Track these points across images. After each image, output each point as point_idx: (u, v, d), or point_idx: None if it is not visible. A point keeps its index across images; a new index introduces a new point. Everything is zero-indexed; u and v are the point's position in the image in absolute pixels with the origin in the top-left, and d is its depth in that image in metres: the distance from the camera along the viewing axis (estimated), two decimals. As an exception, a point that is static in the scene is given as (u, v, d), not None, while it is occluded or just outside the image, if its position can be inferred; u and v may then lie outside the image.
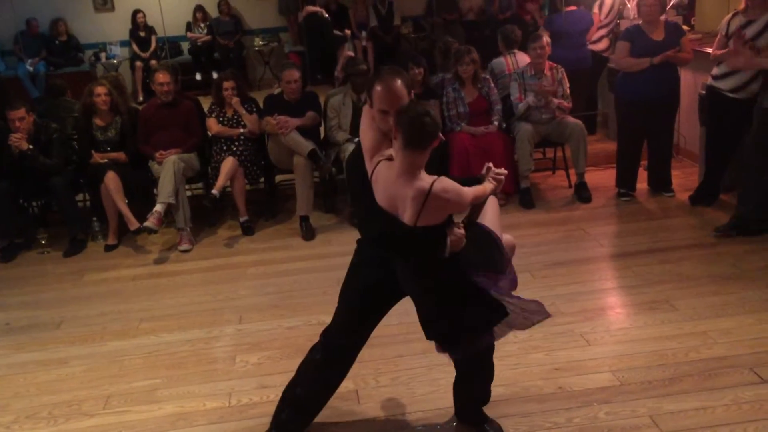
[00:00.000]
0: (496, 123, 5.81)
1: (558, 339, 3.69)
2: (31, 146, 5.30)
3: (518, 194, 5.83)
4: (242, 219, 5.68)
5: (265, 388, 3.46)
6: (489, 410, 3.12)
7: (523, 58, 6.22)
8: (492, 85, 5.95)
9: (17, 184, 5.43)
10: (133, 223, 5.34)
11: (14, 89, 8.72)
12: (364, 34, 9.64)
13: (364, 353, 3.64)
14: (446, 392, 3.28)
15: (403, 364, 3.57)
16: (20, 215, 5.73)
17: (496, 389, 3.27)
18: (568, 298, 4.13)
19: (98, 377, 3.66)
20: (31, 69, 9.34)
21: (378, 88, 2.47)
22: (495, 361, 3.49)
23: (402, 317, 4.01)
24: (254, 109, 5.83)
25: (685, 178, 6.06)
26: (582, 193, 5.83)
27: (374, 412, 3.20)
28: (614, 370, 3.38)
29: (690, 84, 5.97)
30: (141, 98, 9.30)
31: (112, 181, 5.38)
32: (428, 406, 3.21)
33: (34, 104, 5.94)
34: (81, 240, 5.59)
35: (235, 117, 5.76)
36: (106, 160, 5.52)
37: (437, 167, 2.50)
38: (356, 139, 5.57)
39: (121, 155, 5.58)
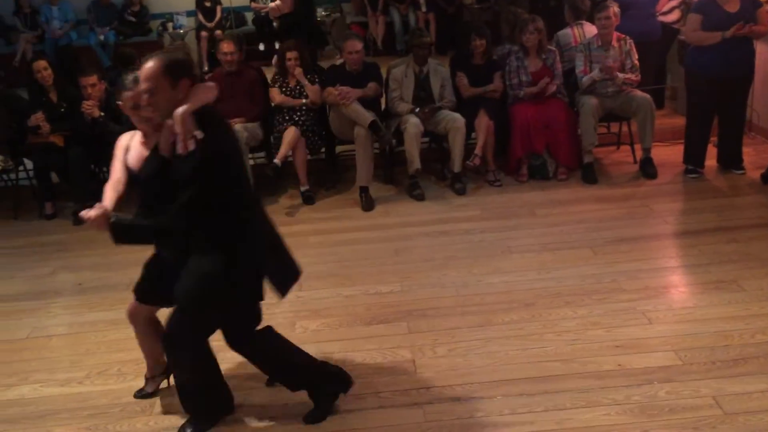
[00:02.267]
0: (556, 84, 5.70)
1: (619, 316, 3.64)
2: (102, 113, 5.47)
3: (581, 169, 5.72)
4: (303, 188, 5.76)
5: (324, 354, 3.51)
6: (547, 384, 3.12)
7: (590, 30, 6.06)
8: (557, 57, 5.83)
9: (89, 150, 5.62)
10: (199, 190, 5.46)
11: (86, 58, 8.98)
12: (425, 4, 9.53)
13: (422, 324, 3.71)
14: (503, 365, 3.31)
15: (460, 335, 3.59)
16: (92, 180, 5.93)
17: (553, 364, 3.27)
18: (630, 275, 4.06)
19: (165, 337, 3.79)
20: (101, 38, 9.59)
21: None
22: (553, 335, 3.51)
23: (459, 289, 4.07)
24: (317, 80, 5.86)
25: (757, 155, 5.85)
26: (647, 169, 5.68)
27: (430, 381, 3.23)
28: (677, 349, 3.32)
29: (766, 58, 5.72)
30: (206, 68, 9.44)
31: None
32: (484, 378, 3.22)
33: (105, 73, 6.11)
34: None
35: (298, 87, 5.81)
36: (173, 128, 5.64)
37: None
38: (417, 110, 5.59)
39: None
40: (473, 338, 3.55)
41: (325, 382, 3.06)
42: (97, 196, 6.05)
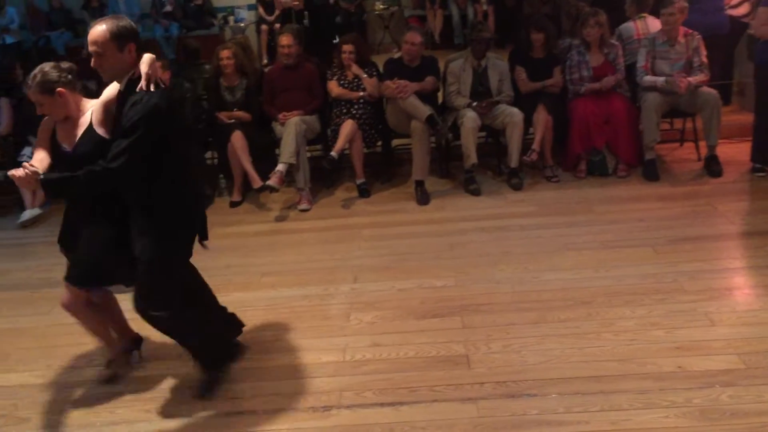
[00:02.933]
0: (617, 77, 5.58)
1: (680, 317, 3.55)
2: (166, 105, 5.60)
3: (642, 166, 5.60)
4: (359, 181, 5.79)
5: (378, 346, 3.55)
6: (603, 384, 3.07)
7: (654, 24, 5.91)
8: (620, 51, 5.71)
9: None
10: (257, 182, 5.56)
11: (151, 51, 9.20)
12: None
13: (476, 319, 3.70)
14: (559, 363, 3.27)
15: (515, 332, 3.56)
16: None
17: (610, 364, 3.21)
18: (691, 276, 3.95)
19: (223, 325, 3.87)
20: (164, 31, 9.82)
21: None
22: (610, 335, 3.45)
23: (514, 286, 4.04)
24: (374, 73, 5.88)
25: (829, 154, 5.61)
26: (712, 166, 5.52)
27: (484, 377, 3.22)
28: (740, 353, 3.22)
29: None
30: (265, 61, 9.57)
31: (238, 140, 5.63)
32: (538, 376, 3.19)
33: (170, 65, 6.25)
34: (209, 195, 5.90)
35: (356, 80, 5.84)
36: (232, 120, 5.76)
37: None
38: (474, 104, 5.56)
39: (245, 114, 5.81)
40: (528, 335, 3.52)
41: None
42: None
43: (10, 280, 4.70)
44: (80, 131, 3.06)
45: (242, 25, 10.24)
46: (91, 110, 3.10)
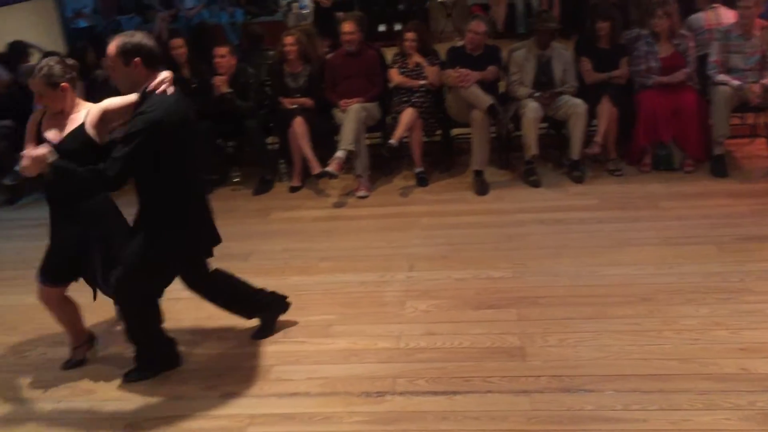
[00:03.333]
0: (686, 71, 5.42)
1: (745, 318, 3.45)
2: (230, 90, 5.71)
3: (710, 161, 5.42)
4: (417, 170, 5.79)
5: (433, 335, 3.56)
6: (662, 382, 3.01)
7: (725, 14, 5.71)
8: (691, 43, 5.53)
9: (217, 125, 5.89)
10: (316, 168, 5.62)
11: (216, 36, 9.36)
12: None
13: (532, 311, 3.67)
14: (616, 359, 3.22)
15: (572, 326, 3.51)
16: (217, 154, 6.22)
17: (671, 362, 3.15)
18: (759, 276, 3.82)
19: (280, 308, 3.94)
20: (229, 17, 9.99)
21: None
22: (671, 333, 3.37)
23: (573, 279, 3.99)
24: (436, 62, 5.85)
25: None
26: (784, 164, 5.32)
27: (539, 370, 3.19)
28: (808, 357, 3.11)
29: None
30: (326, 48, 9.62)
31: (299, 126, 5.69)
32: (595, 371, 3.15)
33: (235, 49, 6.36)
34: (269, 180, 5.99)
35: (417, 68, 5.82)
36: (295, 106, 5.83)
37: None
38: (537, 94, 5.48)
39: (308, 100, 5.87)
40: (585, 330, 3.47)
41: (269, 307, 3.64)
42: (220, 169, 6.34)
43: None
44: (70, 127, 3.20)
45: (305, 12, 10.30)
46: (86, 110, 3.25)
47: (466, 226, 4.89)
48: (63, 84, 3.17)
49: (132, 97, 3.14)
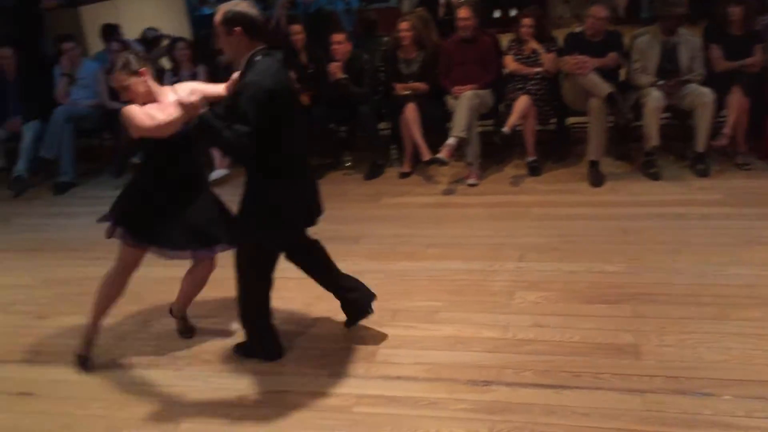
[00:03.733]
0: None
1: None
2: (345, 75, 5.80)
3: None
4: (530, 159, 5.68)
5: (541, 327, 3.49)
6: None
7: None
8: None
9: (332, 110, 6.00)
10: (427, 154, 5.62)
11: (331, 23, 9.52)
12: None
13: (648, 309, 3.53)
14: (739, 363, 3.05)
15: (691, 326, 3.35)
16: (330, 138, 6.35)
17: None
18: None
19: (387, 292, 3.95)
20: (344, 4, 10.11)
21: None
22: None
23: (694, 278, 3.81)
24: (553, 48, 5.70)
25: None
26: None
27: (654, 370, 3.07)
28: None
29: None
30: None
31: (411, 112, 5.71)
32: (714, 375, 2.99)
33: (349, 36, 6.45)
34: (380, 165, 6.05)
35: (533, 55, 5.70)
36: (407, 92, 5.85)
37: None
38: (660, 82, 5.23)
39: (423, 85, 5.87)
40: (706, 331, 3.30)
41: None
42: (333, 153, 6.48)
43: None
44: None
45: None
46: (172, 92, 3.35)
47: (579, 218, 4.76)
48: (141, 70, 3.26)
49: (218, 88, 3.22)
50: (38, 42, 8.70)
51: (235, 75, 3.18)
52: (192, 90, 3.33)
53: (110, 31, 7.18)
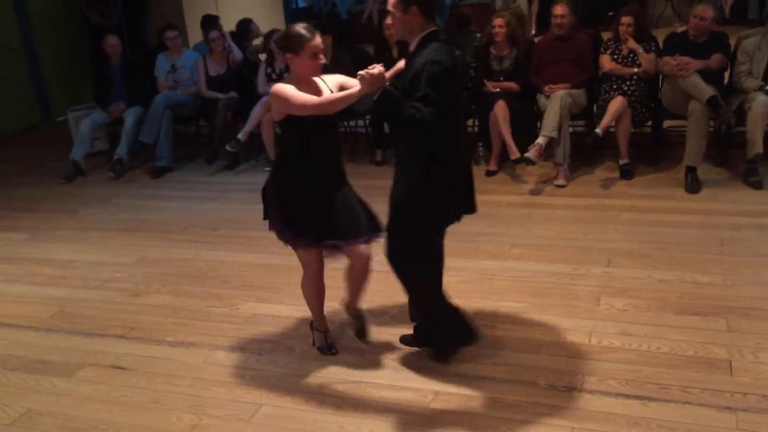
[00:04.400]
0: None
1: None
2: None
3: None
4: (622, 161, 5.51)
5: (628, 335, 3.39)
6: None
7: None
8: None
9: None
10: (515, 153, 5.54)
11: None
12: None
13: (744, 323, 3.37)
14: (844, 388, 2.86)
15: (792, 344, 3.18)
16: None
17: None
18: None
19: (470, 290, 3.94)
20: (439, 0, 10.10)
21: None
22: None
23: (798, 293, 3.59)
24: (653, 48, 5.51)
25: None
26: None
27: (748, 387, 2.93)
28: None
29: None
30: (533, 31, 9.42)
31: (501, 110, 5.64)
32: (816, 398, 2.83)
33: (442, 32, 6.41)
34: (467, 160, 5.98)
35: (631, 55, 5.52)
36: (498, 90, 5.78)
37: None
38: (767, 87, 4.97)
39: (513, 84, 5.80)
40: (809, 350, 3.13)
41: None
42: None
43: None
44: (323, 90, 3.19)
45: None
46: (321, 81, 3.22)
47: (672, 225, 4.59)
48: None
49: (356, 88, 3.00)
50: (142, 30, 9.10)
51: (401, 63, 3.13)
52: (341, 83, 3.27)
53: (210, 22, 7.41)
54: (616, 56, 5.59)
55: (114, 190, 6.40)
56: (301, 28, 3.08)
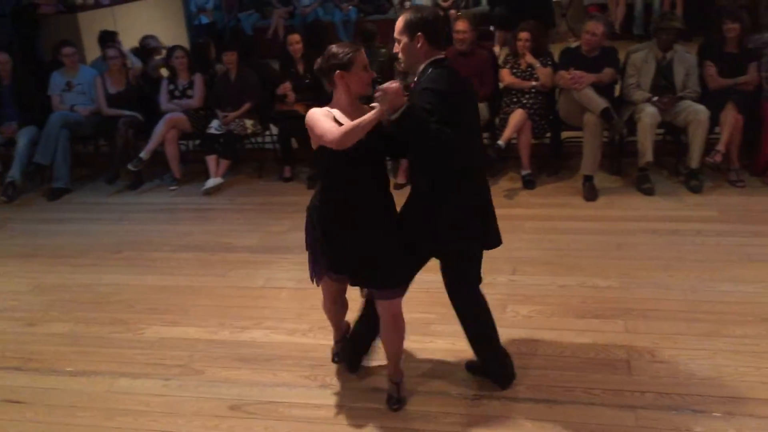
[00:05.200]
0: None
1: None
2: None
3: None
4: (524, 172, 5.69)
5: (534, 341, 3.49)
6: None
7: None
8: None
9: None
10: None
11: (329, 34, 9.56)
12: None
13: (640, 324, 3.53)
14: (731, 381, 3.06)
15: (684, 343, 3.36)
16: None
17: None
18: None
19: (381, 303, 3.96)
20: (344, 15, 10.16)
21: None
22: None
23: (686, 294, 3.81)
24: (549, 63, 5.73)
25: None
26: None
27: (646, 386, 3.07)
28: None
29: None
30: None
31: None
32: (708, 392, 2.99)
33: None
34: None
35: (529, 69, 5.72)
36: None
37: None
38: (655, 98, 5.25)
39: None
40: (699, 347, 3.30)
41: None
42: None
43: (192, 242, 5.09)
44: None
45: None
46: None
47: (572, 232, 4.77)
48: (420, 34, 2.82)
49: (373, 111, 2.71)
50: (35, 48, 8.70)
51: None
52: None
53: (108, 38, 7.18)
54: (515, 70, 5.78)
55: (7, 214, 6.07)
56: (341, 45, 2.89)
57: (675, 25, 5.33)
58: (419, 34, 2.81)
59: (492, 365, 3.20)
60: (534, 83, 5.65)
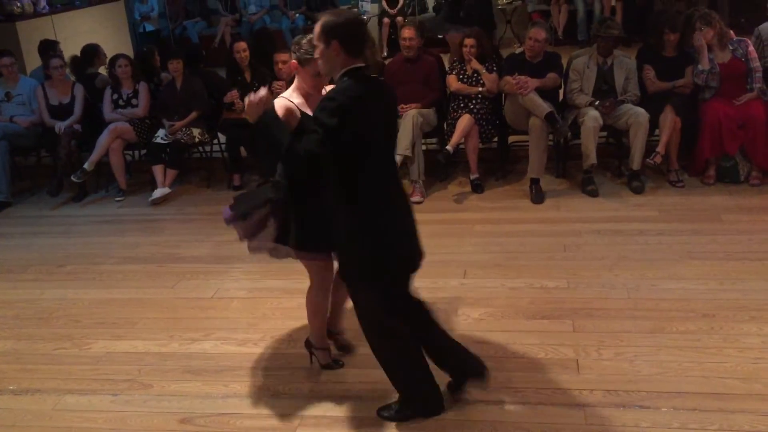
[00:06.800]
0: (756, 88, 5.26)
1: (812, 338, 3.32)
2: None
3: (779, 175, 5.25)
4: (473, 176, 5.76)
5: (485, 343, 3.52)
6: (723, 402, 2.92)
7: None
8: (750, 47, 5.37)
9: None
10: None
11: (277, 42, 9.51)
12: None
13: (587, 323, 3.61)
14: (675, 376, 3.14)
15: (629, 340, 3.44)
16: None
17: (732, 382, 3.05)
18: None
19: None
20: (291, 22, 10.14)
21: None
22: (733, 351, 3.27)
23: (631, 292, 3.90)
24: (494, 69, 5.82)
25: None
26: None
27: (593, 384, 3.13)
28: None
29: None
30: (385, 54, 9.68)
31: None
32: (652, 388, 3.07)
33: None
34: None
35: (475, 75, 5.80)
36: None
37: None
38: (597, 102, 5.38)
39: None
40: (643, 344, 3.39)
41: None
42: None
43: (139, 254, 5.00)
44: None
45: (365, 18, 10.39)
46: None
47: (520, 235, 4.84)
48: (335, 41, 2.72)
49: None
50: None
51: (262, 92, 2.81)
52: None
53: (49, 47, 7.01)
54: (461, 76, 5.85)
55: (-57, 229, 5.87)
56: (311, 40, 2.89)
57: (613, 33, 5.47)
58: (334, 41, 2.67)
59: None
60: (480, 89, 5.73)
